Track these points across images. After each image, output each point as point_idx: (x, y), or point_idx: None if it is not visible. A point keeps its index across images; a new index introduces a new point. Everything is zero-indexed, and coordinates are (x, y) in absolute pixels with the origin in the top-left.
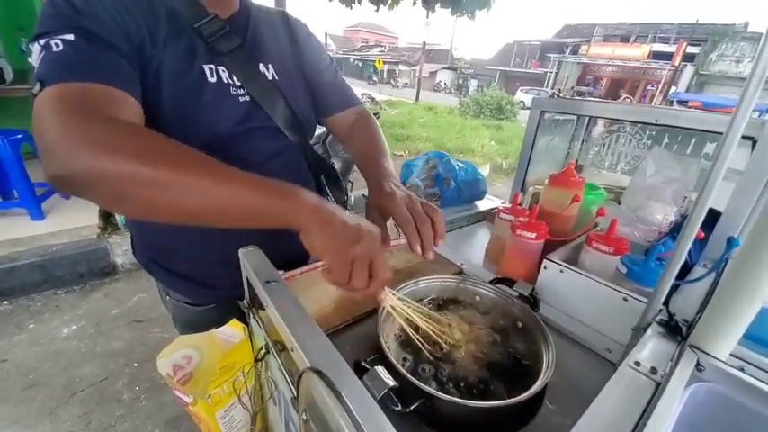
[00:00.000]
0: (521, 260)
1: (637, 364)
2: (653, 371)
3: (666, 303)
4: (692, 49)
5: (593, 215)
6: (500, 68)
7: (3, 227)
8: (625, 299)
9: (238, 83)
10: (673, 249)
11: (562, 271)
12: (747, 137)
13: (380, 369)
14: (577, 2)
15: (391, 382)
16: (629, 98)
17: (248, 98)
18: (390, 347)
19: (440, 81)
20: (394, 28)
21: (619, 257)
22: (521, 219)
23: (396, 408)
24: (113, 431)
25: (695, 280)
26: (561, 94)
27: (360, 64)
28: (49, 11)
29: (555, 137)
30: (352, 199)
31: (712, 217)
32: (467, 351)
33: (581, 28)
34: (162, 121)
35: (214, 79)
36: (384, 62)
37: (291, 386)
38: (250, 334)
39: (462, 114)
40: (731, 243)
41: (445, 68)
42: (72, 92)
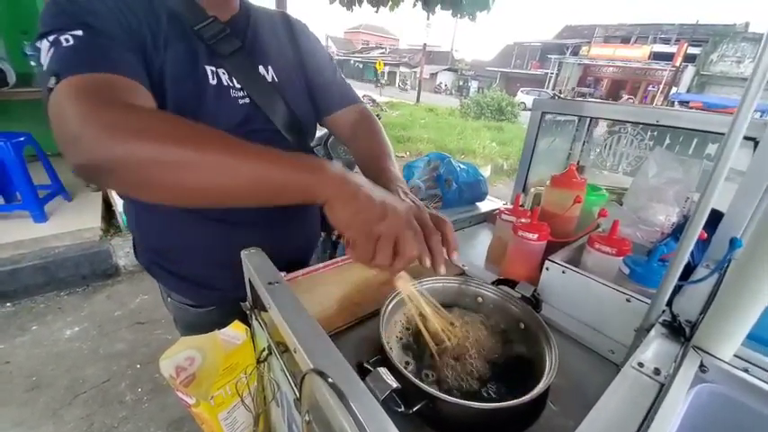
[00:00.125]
0: (523, 261)
1: (640, 366)
2: (656, 372)
3: (669, 304)
4: (693, 50)
5: (594, 216)
6: (501, 70)
7: (6, 229)
8: (628, 300)
9: (238, 85)
10: (675, 250)
11: (564, 272)
12: (749, 137)
13: (383, 371)
14: (578, 3)
15: (394, 384)
16: (631, 99)
17: (248, 100)
18: (393, 349)
19: (440, 82)
20: (394, 30)
21: (621, 258)
22: (522, 220)
23: (399, 409)
24: None
25: (698, 281)
26: (562, 95)
27: (360, 66)
28: (53, 9)
29: (556, 138)
30: None
31: (715, 217)
32: (469, 352)
33: (581, 29)
34: None
35: (215, 82)
36: (385, 64)
37: (294, 387)
38: (252, 335)
39: (463, 116)
40: (734, 244)
41: (446, 70)
42: (89, 82)
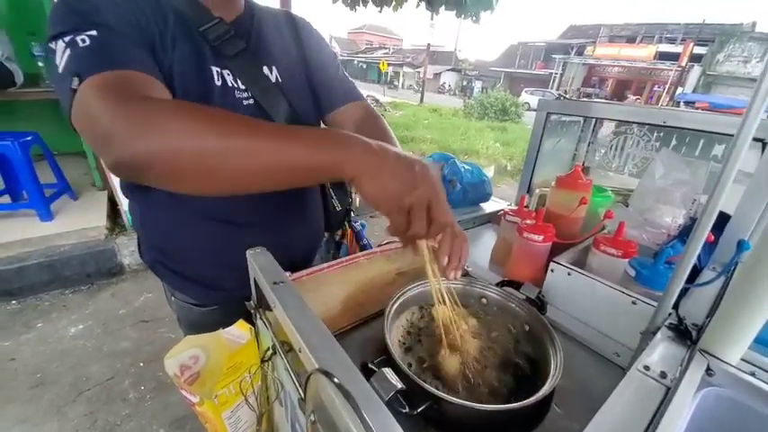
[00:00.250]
0: (527, 263)
1: (646, 369)
2: (663, 375)
3: (676, 307)
4: (699, 50)
5: (600, 217)
6: (504, 70)
7: (12, 227)
8: (634, 302)
9: (242, 86)
10: (682, 252)
11: (569, 274)
12: (758, 139)
13: (388, 371)
14: (582, 3)
15: (399, 385)
16: (638, 99)
17: (252, 101)
18: (396, 350)
19: (444, 82)
20: (398, 30)
21: (627, 260)
22: (527, 221)
23: (403, 410)
24: (119, 430)
25: (705, 283)
26: (567, 96)
27: (364, 66)
28: (64, 10)
29: (561, 138)
30: (357, 201)
31: (722, 220)
32: (474, 353)
33: (586, 29)
34: None
35: (219, 83)
36: (388, 64)
37: (298, 387)
38: (256, 335)
39: (467, 116)
40: (741, 246)
41: (449, 70)
42: (110, 79)
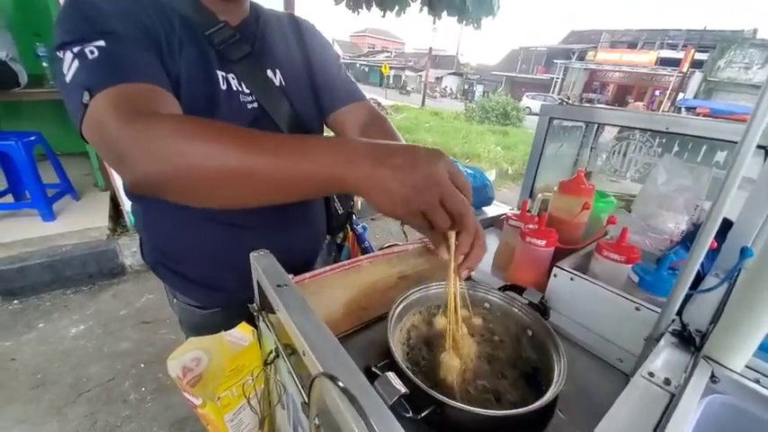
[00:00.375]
0: (530, 267)
1: (650, 375)
2: (667, 382)
3: (679, 313)
4: (701, 56)
5: (603, 223)
6: (506, 74)
7: (14, 227)
8: (637, 308)
9: (247, 90)
10: (685, 259)
11: (572, 279)
12: (761, 146)
13: (391, 375)
14: (584, 8)
15: (403, 389)
16: (643, 105)
17: (256, 105)
18: (400, 354)
19: (445, 86)
20: (400, 33)
21: (630, 266)
22: (530, 226)
23: (407, 415)
24: None
25: (708, 290)
26: (570, 101)
27: (366, 69)
28: (72, 16)
29: (563, 143)
30: (359, 203)
31: (724, 226)
32: (477, 358)
33: (588, 34)
34: None
35: (225, 87)
36: (390, 68)
37: (302, 390)
38: (259, 337)
39: (468, 120)
40: (745, 253)
41: (451, 74)
42: (122, 94)
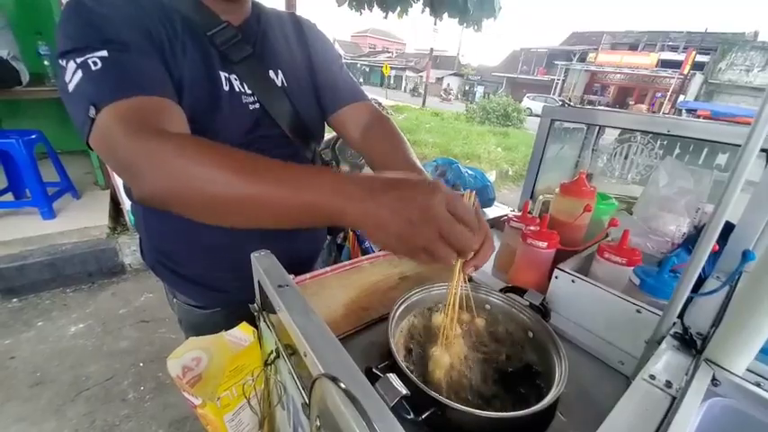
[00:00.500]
0: (531, 269)
1: (652, 378)
2: (668, 385)
3: (681, 316)
4: (702, 58)
5: (604, 225)
6: (507, 75)
7: (14, 225)
8: (638, 311)
9: (249, 90)
10: (687, 261)
11: (574, 281)
12: (764, 149)
13: (392, 377)
14: (585, 10)
15: (404, 390)
16: (646, 107)
17: (258, 105)
18: (401, 355)
19: (447, 85)
20: (401, 34)
21: (631, 269)
22: (531, 227)
23: (408, 416)
24: (118, 431)
25: (709, 293)
26: (571, 103)
27: (367, 69)
28: (74, 23)
29: (565, 145)
30: None
31: (726, 229)
32: (478, 360)
33: (589, 35)
34: None
35: (227, 88)
36: (391, 68)
37: (302, 391)
38: (260, 337)
39: (468, 120)
40: (746, 256)
41: (452, 75)
42: (129, 110)
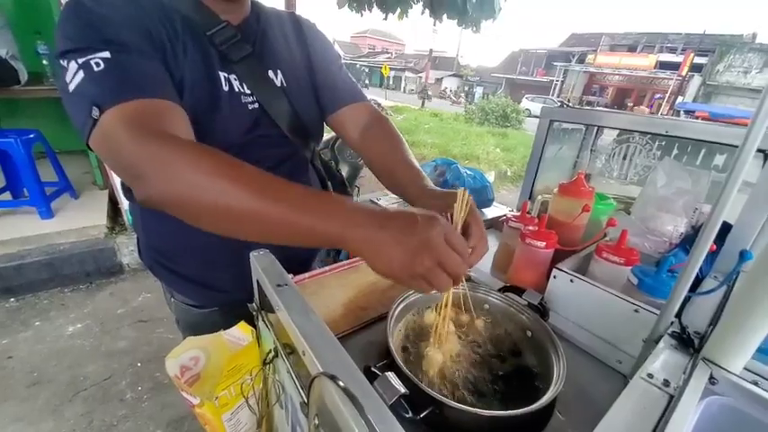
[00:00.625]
0: (530, 269)
1: (649, 377)
2: (666, 383)
3: (678, 315)
4: (700, 60)
5: (602, 225)
6: (506, 76)
7: (12, 225)
8: (636, 310)
9: (248, 90)
10: (685, 261)
11: (572, 281)
12: (760, 150)
13: (391, 375)
14: (584, 11)
15: (402, 389)
16: (647, 109)
17: (257, 105)
18: (399, 354)
19: (445, 88)
20: (401, 35)
21: (629, 268)
22: (530, 227)
23: (406, 415)
24: (116, 431)
25: (707, 292)
26: (570, 104)
27: (366, 70)
28: (74, 23)
29: (563, 146)
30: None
31: (723, 229)
32: (476, 359)
33: (588, 37)
34: None
35: (227, 88)
36: (390, 69)
37: (301, 390)
38: (258, 337)
39: (467, 121)
40: (744, 256)
41: (451, 75)
42: (133, 112)
